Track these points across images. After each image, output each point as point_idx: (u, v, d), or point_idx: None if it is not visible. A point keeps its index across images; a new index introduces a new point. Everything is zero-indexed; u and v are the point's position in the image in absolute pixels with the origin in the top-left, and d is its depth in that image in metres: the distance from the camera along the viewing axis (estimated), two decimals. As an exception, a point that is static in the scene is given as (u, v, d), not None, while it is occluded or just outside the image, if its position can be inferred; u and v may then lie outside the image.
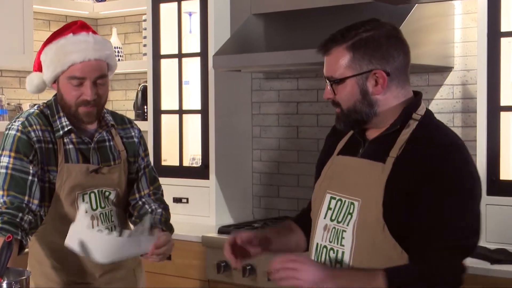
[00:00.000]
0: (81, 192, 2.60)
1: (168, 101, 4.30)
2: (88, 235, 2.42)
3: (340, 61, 2.06)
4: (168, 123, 4.30)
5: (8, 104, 4.59)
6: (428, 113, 2.11)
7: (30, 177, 2.52)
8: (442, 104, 3.69)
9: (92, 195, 2.63)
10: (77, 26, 2.62)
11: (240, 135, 4.29)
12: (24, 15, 4.42)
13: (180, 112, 4.23)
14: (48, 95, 2.81)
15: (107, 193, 2.66)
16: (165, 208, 2.81)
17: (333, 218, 2.10)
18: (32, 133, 2.55)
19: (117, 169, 2.69)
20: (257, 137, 4.35)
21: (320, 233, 2.13)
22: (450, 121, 3.66)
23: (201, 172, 4.10)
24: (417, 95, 2.14)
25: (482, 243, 3.27)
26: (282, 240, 2.33)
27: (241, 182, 4.28)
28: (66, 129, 2.60)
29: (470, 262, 3.05)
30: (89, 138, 2.65)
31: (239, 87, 4.29)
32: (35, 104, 2.74)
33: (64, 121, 2.61)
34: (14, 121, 2.61)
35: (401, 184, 1.97)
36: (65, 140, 2.60)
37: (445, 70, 3.66)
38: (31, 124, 2.58)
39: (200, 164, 4.13)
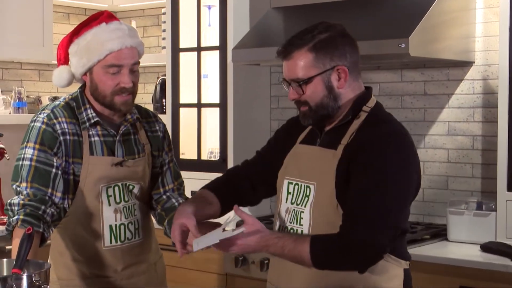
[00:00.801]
0: (105, 185, 2.60)
1: (187, 94, 4.30)
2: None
3: (304, 63, 2.22)
4: (187, 116, 4.30)
5: (27, 96, 4.61)
6: (378, 105, 2.29)
7: (54, 170, 2.52)
8: (462, 99, 3.67)
9: (116, 189, 2.62)
10: (105, 16, 2.61)
11: (259, 129, 4.28)
12: (43, 8, 4.44)
13: (199, 105, 4.23)
14: (68, 88, 2.80)
15: (130, 187, 2.66)
16: None
17: (292, 201, 2.30)
18: (57, 126, 2.56)
19: (141, 162, 2.69)
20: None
21: (283, 216, 2.33)
22: (471, 116, 3.64)
23: (219, 165, 4.10)
24: (368, 89, 2.31)
25: (502, 239, 3.25)
26: (201, 213, 2.41)
27: (259, 176, 4.27)
28: (92, 121, 2.59)
29: (489, 258, 3.06)
30: (114, 130, 2.64)
31: (257, 80, 4.28)
32: (54, 97, 2.75)
33: (90, 113, 2.60)
34: (40, 113, 2.61)
35: (348, 167, 2.16)
36: (90, 133, 2.60)
37: (466, 64, 3.63)
38: (56, 116, 2.57)
39: (218, 157, 4.13)
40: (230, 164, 4.05)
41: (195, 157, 4.23)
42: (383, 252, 2.14)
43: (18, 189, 2.51)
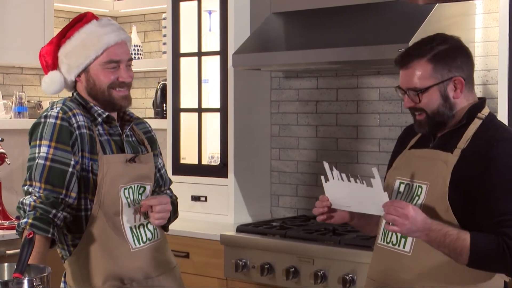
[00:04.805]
0: (123, 185, 2.55)
1: (187, 99, 4.31)
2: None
3: (422, 73, 2.35)
4: (187, 121, 4.31)
5: (28, 101, 4.61)
6: (491, 115, 2.42)
7: (70, 169, 2.46)
8: (462, 104, 3.67)
9: (130, 190, 2.58)
10: (91, 15, 2.63)
11: (259, 134, 4.29)
12: (44, 13, 4.44)
13: (199, 110, 4.24)
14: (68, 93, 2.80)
15: (142, 189, 2.62)
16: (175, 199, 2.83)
17: (402, 199, 2.39)
18: (73, 119, 2.50)
19: (150, 158, 2.68)
20: (276, 136, 4.35)
21: None
22: (470, 121, 3.64)
23: (219, 170, 4.11)
24: (481, 99, 2.45)
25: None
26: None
27: (260, 181, 4.28)
28: (104, 115, 2.57)
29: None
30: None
31: (258, 85, 4.29)
32: (54, 102, 2.73)
33: (99, 109, 2.58)
34: (52, 108, 2.54)
35: (465, 171, 2.28)
36: (98, 132, 2.56)
37: (466, 69, 3.64)
38: (70, 108, 2.53)
39: (219, 162, 4.14)
40: (231, 169, 4.06)
41: (196, 162, 4.24)
42: None
43: (30, 189, 2.44)
